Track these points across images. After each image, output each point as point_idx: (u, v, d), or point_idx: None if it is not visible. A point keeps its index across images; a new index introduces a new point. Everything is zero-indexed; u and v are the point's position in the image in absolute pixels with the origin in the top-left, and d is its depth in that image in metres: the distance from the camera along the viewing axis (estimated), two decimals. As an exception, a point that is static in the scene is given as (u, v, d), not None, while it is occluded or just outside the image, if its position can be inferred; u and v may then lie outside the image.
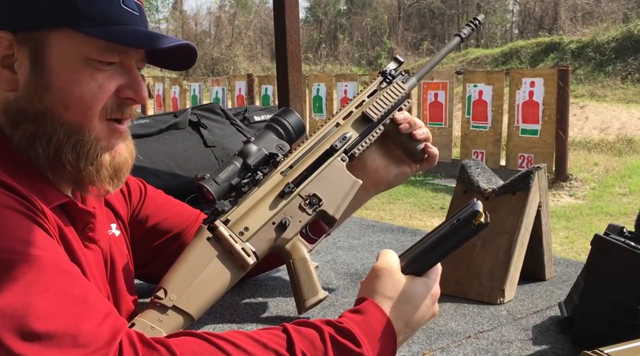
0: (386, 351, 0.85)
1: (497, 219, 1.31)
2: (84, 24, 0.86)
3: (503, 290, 1.25)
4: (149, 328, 0.98)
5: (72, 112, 0.88)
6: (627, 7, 22.28)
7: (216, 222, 1.09)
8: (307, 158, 1.19)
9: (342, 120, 1.24)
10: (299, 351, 0.79)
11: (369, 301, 0.89)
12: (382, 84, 1.29)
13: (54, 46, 0.87)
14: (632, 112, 12.76)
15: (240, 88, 11.00)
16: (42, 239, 0.77)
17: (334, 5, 32.24)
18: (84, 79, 0.88)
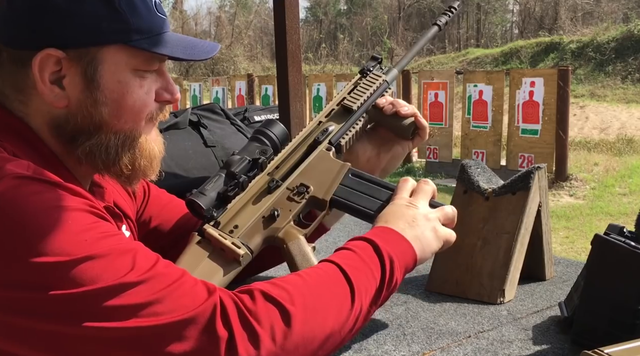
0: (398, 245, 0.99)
1: (497, 219, 1.30)
2: (136, 39, 0.90)
3: (503, 290, 1.25)
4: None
5: (124, 121, 0.93)
6: (627, 7, 22.28)
7: (205, 225, 1.10)
8: (292, 156, 1.20)
9: (324, 118, 1.25)
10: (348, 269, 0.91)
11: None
12: (360, 79, 1.30)
13: (107, 62, 0.89)
14: (632, 112, 12.76)
15: (241, 88, 11.00)
16: (119, 232, 0.82)
17: (334, 5, 32.24)
18: (135, 89, 0.92)
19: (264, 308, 0.79)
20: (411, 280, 1.41)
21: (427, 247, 1.04)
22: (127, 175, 0.97)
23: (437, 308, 1.24)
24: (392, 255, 0.96)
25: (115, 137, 0.93)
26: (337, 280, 0.89)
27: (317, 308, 0.84)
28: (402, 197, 1.10)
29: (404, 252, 1.00)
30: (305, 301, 0.83)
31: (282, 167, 1.19)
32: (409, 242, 1.01)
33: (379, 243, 0.97)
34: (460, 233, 1.34)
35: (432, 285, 1.34)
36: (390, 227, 1.02)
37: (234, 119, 2.31)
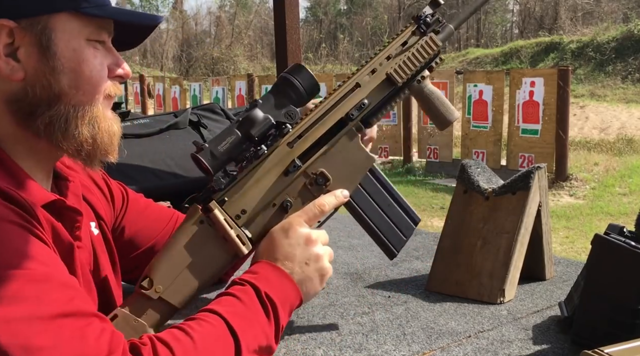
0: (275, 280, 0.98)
1: (497, 219, 1.31)
2: (85, 6, 0.89)
3: (503, 289, 1.25)
4: (132, 321, 0.97)
5: (82, 92, 0.91)
6: (627, 7, 22.28)
7: (211, 203, 1.01)
8: (318, 127, 1.07)
9: (365, 78, 1.11)
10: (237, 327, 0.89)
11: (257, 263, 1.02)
12: (414, 34, 1.14)
13: (59, 30, 0.88)
14: (632, 111, 12.75)
15: (241, 88, 11.00)
16: (41, 252, 0.78)
17: (334, 5, 32.23)
18: (90, 59, 0.91)
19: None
20: (411, 280, 1.41)
21: (313, 290, 1.03)
22: (88, 151, 0.93)
23: (437, 308, 1.24)
24: (275, 301, 0.95)
25: (74, 109, 0.90)
26: (222, 332, 0.88)
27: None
28: (299, 230, 1.03)
29: (290, 295, 0.99)
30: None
31: (305, 138, 1.06)
32: (296, 286, 1.00)
33: (261, 288, 0.95)
34: (460, 233, 1.34)
35: (432, 285, 1.34)
36: (280, 269, 1.00)
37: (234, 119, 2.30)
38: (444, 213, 1.47)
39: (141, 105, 12.36)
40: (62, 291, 0.76)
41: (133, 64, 25.17)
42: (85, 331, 0.75)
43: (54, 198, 0.90)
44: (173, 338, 0.83)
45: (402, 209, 1.14)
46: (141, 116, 2.30)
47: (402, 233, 1.13)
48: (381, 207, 1.12)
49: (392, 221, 1.13)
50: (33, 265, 0.75)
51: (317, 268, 1.02)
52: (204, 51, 27.40)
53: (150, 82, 12.82)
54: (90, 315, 0.77)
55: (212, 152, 1.01)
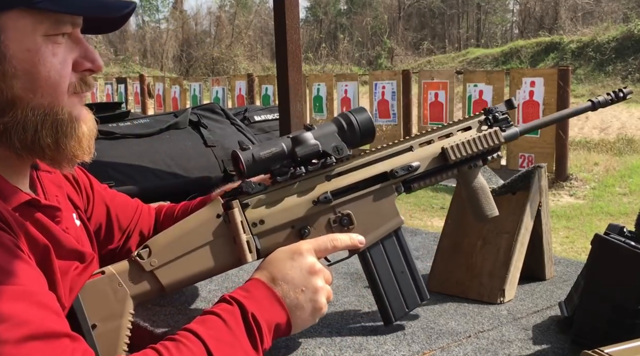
0: (263, 299, 0.94)
1: (497, 219, 1.30)
2: (38, 0, 0.81)
3: (503, 289, 1.25)
4: (116, 284, 0.93)
5: (40, 95, 0.84)
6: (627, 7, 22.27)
7: (234, 201, 1.01)
8: (361, 172, 1.08)
9: (418, 146, 1.12)
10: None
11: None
12: (483, 124, 1.16)
13: (10, 29, 0.81)
14: (632, 112, 12.76)
15: (241, 88, 11.00)
16: (18, 267, 0.75)
17: (334, 5, 32.23)
18: (47, 58, 0.84)
19: None
20: (411, 280, 1.41)
21: (303, 320, 0.99)
22: (52, 156, 0.87)
23: (437, 308, 1.24)
24: (261, 324, 0.91)
25: (32, 113, 0.83)
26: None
27: None
28: (307, 256, 1.01)
29: (278, 320, 0.95)
30: None
31: (344, 178, 1.07)
32: (287, 312, 0.96)
33: (249, 308, 0.91)
34: (460, 233, 1.34)
35: (433, 285, 1.34)
36: (274, 291, 0.96)
37: (234, 119, 2.31)
38: (444, 213, 1.47)
39: (141, 105, 12.36)
40: (35, 311, 0.73)
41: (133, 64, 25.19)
42: (55, 353, 0.72)
43: (28, 198, 0.86)
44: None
45: (414, 281, 1.12)
46: (141, 116, 2.30)
47: (405, 304, 1.11)
48: (394, 271, 1.11)
49: (400, 288, 1.11)
50: (9, 280, 0.72)
51: (312, 299, 0.98)
52: (204, 51, 27.40)
53: (150, 82, 12.82)
54: (62, 335, 0.74)
55: (254, 155, 1.00)
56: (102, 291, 0.92)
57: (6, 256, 0.75)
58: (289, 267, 0.98)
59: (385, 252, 1.11)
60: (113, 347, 0.91)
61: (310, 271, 0.99)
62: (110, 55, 24.84)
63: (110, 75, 15.16)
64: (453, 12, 28.78)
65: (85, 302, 0.91)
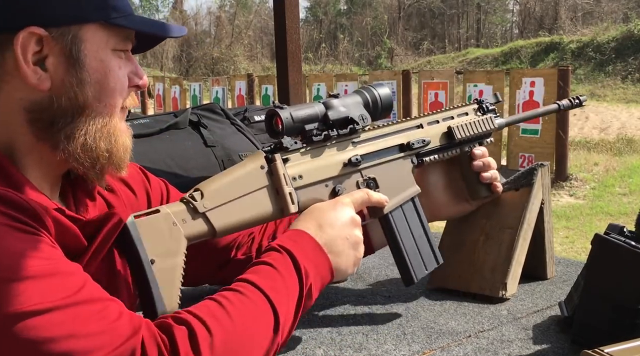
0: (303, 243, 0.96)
1: (500, 215, 1.31)
2: (114, 16, 0.88)
3: (505, 283, 1.25)
4: (171, 223, 0.93)
5: (104, 104, 0.89)
6: (627, 7, 22.28)
7: (276, 155, 1.04)
8: (381, 142, 1.16)
9: (427, 124, 1.23)
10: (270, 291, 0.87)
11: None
12: (477, 112, 1.30)
13: (89, 40, 0.87)
14: (632, 111, 12.75)
15: (241, 88, 11.00)
16: (41, 248, 0.75)
17: (334, 5, 32.24)
18: (115, 70, 0.90)
19: (184, 350, 0.75)
20: (411, 280, 1.41)
21: (344, 268, 1.02)
22: (102, 165, 0.91)
23: (437, 308, 1.24)
24: (310, 276, 0.93)
25: (94, 121, 0.89)
26: (262, 309, 0.85)
27: (242, 347, 0.81)
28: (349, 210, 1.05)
29: (324, 271, 0.98)
30: (231, 343, 0.79)
31: (368, 145, 1.14)
32: (330, 262, 0.99)
33: (300, 260, 0.93)
34: (463, 229, 1.35)
35: (435, 280, 1.34)
36: (319, 243, 0.98)
37: (234, 119, 2.30)
38: (444, 213, 1.47)
39: (141, 105, 12.36)
40: (70, 281, 0.74)
41: (133, 64, 25.13)
42: (103, 314, 0.73)
43: (54, 207, 0.87)
44: (210, 316, 0.79)
45: (430, 246, 1.20)
46: (141, 116, 2.30)
47: (424, 265, 1.18)
48: (414, 234, 1.18)
49: (419, 250, 1.18)
50: (34, 262, 0.72)
51: (354, 249, 1.02)
52: (204, 51, 27.41)
53: (150, 82, 12.83)
54: (105, 299, 0.75)
55: (292, 113, 1.06)
56: (158, 229, 0.92)
57: (30, 242, 0.75)
58: (333, 215, 1.02)
59: (406, 217, 1.18)
60: (170, 284, 0.91)
61: (353, 222, 1.04)
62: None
63: (110, 75, 15.10)
64: (453, 12, 28.77)
65: (144, 238, 0.90)
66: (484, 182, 1.29)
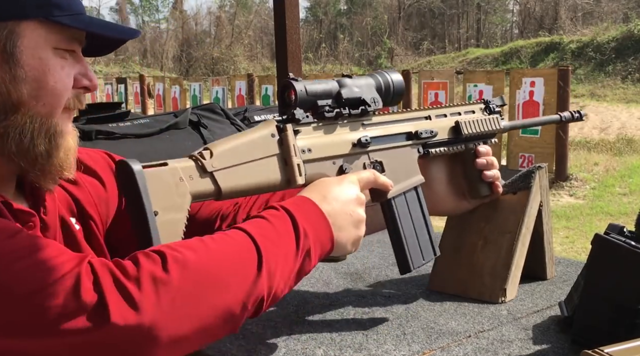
0: (309, 211, 0.95)
1: (498, 218, 1.31)
2: (56, 14, 0.86)
3: (505, 289, 1.25)
4: (178, 178, 0.92)
5: (42, 104, 0.87)
6: (627, 7, 22.29)
7: (288, 125, 1.02)
8: (390, 127, 1.16)
9: (435, 117, 1.23)
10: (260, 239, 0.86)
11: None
12: (484, 111, 1.30)
13: (26, 37, 0.85)
14: (632, 111, 12.76)
15: (241, 88, 11.00)
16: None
17: (334, 5, 32.24)
18: (56, 69, 0.88)
19: (147, 269, 0.75)
20: (411, 280, 1.41)
21: (345, 242, 1.00)
22: (41, 166, 0.90)
23: (437, 308, 1.24)
24: (310, 237, 0.92)
25: (31, 121, 0.87)
26: (245, 246, 0.84)
27: (212, 272, 0.79)
28: (354, 187, 1.04)
29: (324, 238, 0.96)
30: (201, 262, 0.79)
31: (377, 129, 1.14)
32: (332, 231, 0.97)
33: (299, 219, 0.91)
34: (462, 233, 1.34)
35: (434, 284, 1.34)
36: (322, 211, 0.96)
37: (234, 119, 2.31)
38: (444, 213, 1.47)
39: (141, 105, 12.36)
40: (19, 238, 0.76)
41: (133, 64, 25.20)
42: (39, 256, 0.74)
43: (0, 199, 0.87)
44: (186, 246, 0.79)
45: (429, 237, 1.19)
46: (141, 116, 2.30)
47: (422, 255, 1.18)
48: (414, 223, 1.18)
49: (418, 239, 1.17)
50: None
51: (356, 226, 1.00)
52: (204, 51, 27.42)
53: (150, 82, 12.83)
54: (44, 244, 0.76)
55: (306, 87, 1.05)
56: (165, 181, 0.90)
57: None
58: (338, 190, 1.01)
59: (408, 205, 1.17)
60: (171, 239, 0.89)
61: (358, 200, 1.02)
62: (111, 56, 24.83)
63: (110, 76, 15.17)
64: (453, 12, 28.78)
65: (149, 189, 0.89)
66: (486, 181, 1.28)
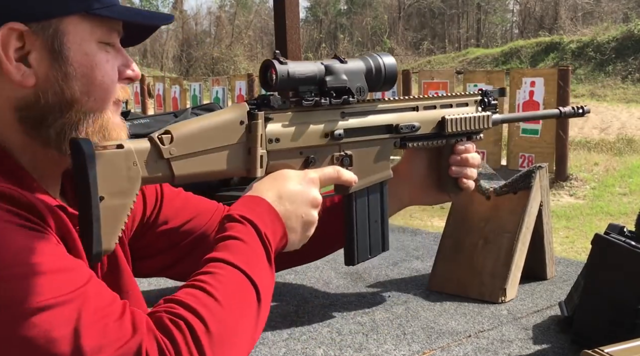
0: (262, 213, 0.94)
1: (498, 218, 1.31)
2: (96, 7, 0.86)
3: (505, 289, 1.25)
4: (132, 163, 0.90)
5: (93, 99, 0.88)
6: (627, 7, 22.28)
7: (260, 113, 0.99)
8: (370, 118, 1.12)
9: (423, 109, 1.18)
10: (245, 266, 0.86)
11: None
12: (479, 104, 1.26)
13: (71, 33, 0.85)
14: (632, 111, 12.75)
15: (241, 88, 10.99)
16: (46, 245, 0.75)
17: (334, 5, 32.23)
18: (102, 63, 0.88)
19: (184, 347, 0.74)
20: (412, 280, 1.41)
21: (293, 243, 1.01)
22: None
23: (437, 308, 1.24)
24: (271, 241, 0.93)
25: (84, 116, 0.87)
26: (244, 287, 0.84)
27: (235, 331, 0.80)
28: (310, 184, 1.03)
29: (280, 241, 0.97)
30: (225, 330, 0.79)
31: (355, 119, 1.10)
32: (287, 234, 0.98)
33: (262, 228, 0.92)
34: (462, 232, 1.34)
35: (434, 284, 1.34)
36: (276, 212, 0.97)
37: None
38: (444, 213, 1.47)
39: (141, 105, 12.35)
40: (76, 276, 0.73)
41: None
42: (107, 311, 0.72)
43: (56, 204, 0.87)
44: (202, 306, 0.77)
45: (382, 232, 1.19)
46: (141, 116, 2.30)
47: (369, 250, 1.17)
48: (370, 218, 1.17)
49: (369, 235, 1.17)
50: (42, 258, 0.72)
51: (305, 228, 1.00)
52: (204, 51, 27.40)
53: (150, 82, 12.82)
54: (109, 295, 0.75)
55: (289, 72, 1.01)
56: (117, 166, 0.88)
57: (35, 239, 0.74)
58: (296, 190, 1.00)
59: (368, 199, 1.16)
60: (113, 224, 0.88)
61: (313, 202, 1.02)
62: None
63: (110, 75, 15.08)
64: (453, 12, 28.76)
65: (99, 173, 0.87)
66: (452, 176, 1.25)
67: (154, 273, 1.26)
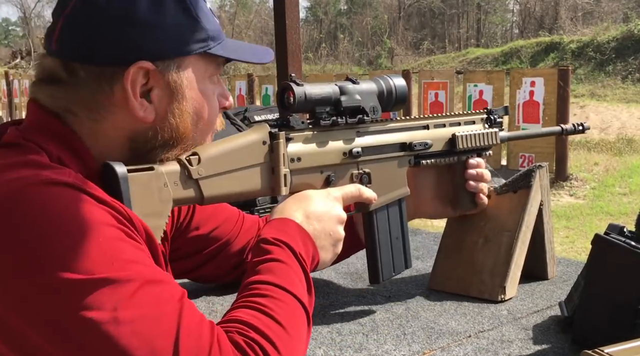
0: (288, 231, 0.96)
1: (498, 217, 1.31)
2: (213, 46, 0.90)
3: (504, 287, 1.25)
4: (162, 184, 0.91)
5: (199, 132, 0.92)
6: (627, 7, 22.28)
7: (280, 133, 1.02)
8: (384, 136, 1.16)
9: (433, 127, 1.23)
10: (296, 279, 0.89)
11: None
12: (485, 122, 1.30)
13: (189, 71, 0.89)
14: (632, 111, 12.75)
15: (241, 88, 11.00)
16: (145, 257, 0.77)
17: (334, 5, 32.23)
18: (212, 98, 0.93)
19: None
20: (412, 280, 1.41)
21: (323, 265, 1.04)
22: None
23: (437, 308, 1.24)
24: (307, 261, 0.95)
25: (186, 148, 0.93)
26: (299, 312, 0.86)
27: (297, 352, 0.83)
28: (338, 208, 1.05)
29: (313, 258, 0.99)
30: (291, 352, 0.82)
31: (372, 137, 1.14)
32: (318, 251, 1.00)
33: (296, 249, 0.94)
34: (462, 231, 1.35)
35: (434, 283, 1.34)
36: (307, 232, 0.99)
37: (234, 119, 2.30)
38: (444, 213, 1.47)
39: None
40: (171, 288, 0.76)
41: (133, 64, 25.12)
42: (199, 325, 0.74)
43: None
44: (269, 330, 0.79)
45: (404, 249, 1.22)
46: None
47: (393, 267, 1.20)
48: (391, 235, 1.19)
49: (392, 252, 1.20)
50: (145, 269, 0.74)
51: (334, 245, 1.03)
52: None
53: (151, 82, 12.79)
54: (193, 308, 0.77)
55: (306, 93, 1.04)
56: (148, 187, 0.90)
57: (136, 248, 0.77)
58: (322, 209, 1.02)
59: (388, 217, 1.19)
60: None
61: (339, 220, 1.04)
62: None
63: (110, 75, 15.06)
64: (453, 12, 28.76)
65: (131, 194, 0.88)
66: (469, 191, 1.29)
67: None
